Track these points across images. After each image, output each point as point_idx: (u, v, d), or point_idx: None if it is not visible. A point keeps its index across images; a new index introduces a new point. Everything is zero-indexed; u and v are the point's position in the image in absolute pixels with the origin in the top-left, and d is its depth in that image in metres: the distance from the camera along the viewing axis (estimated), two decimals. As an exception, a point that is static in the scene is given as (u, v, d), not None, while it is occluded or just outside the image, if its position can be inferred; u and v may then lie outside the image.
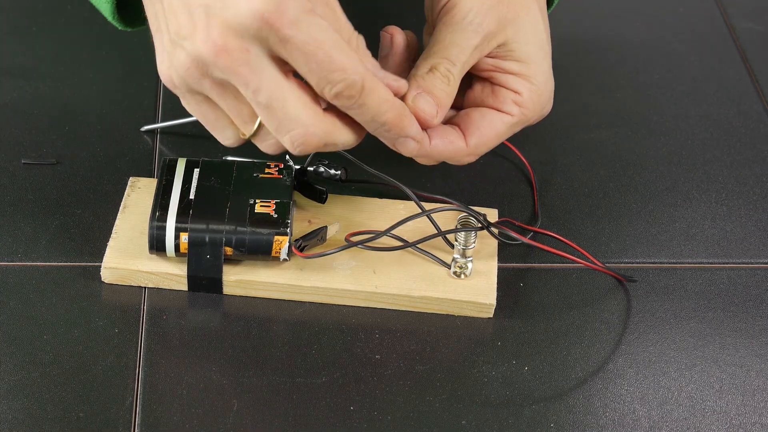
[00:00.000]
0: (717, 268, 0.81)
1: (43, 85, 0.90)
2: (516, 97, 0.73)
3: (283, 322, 0.75)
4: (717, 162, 0.89)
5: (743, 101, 0.95)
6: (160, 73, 0.67)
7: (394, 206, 0.81)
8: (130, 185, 0.80)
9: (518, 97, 0.73)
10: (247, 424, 0.69)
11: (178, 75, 0.66)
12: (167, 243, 0.74)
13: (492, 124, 0.73)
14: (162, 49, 0.66)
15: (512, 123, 0.74)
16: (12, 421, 0.68)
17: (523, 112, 0.73)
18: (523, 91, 0.73)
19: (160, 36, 0.66)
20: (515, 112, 0.73)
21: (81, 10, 0.97)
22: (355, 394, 0.71)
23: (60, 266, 0.77)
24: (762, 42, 1.01)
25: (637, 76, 0.96)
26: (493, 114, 0.74)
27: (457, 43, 0.73)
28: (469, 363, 0.74)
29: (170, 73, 0.66)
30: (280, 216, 0.74)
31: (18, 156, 0.84)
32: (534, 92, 0.73)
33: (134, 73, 0.92)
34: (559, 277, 0.79)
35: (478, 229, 0.76)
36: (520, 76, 0.73)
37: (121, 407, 0.69)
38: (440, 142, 0.72)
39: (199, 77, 0.65)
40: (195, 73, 0.64)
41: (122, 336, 0.73)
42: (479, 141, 0.73)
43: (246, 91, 0.64)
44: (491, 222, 0.77)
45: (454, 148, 0.72)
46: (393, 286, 0.76)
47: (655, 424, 0.71)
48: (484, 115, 0.73)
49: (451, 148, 0.72)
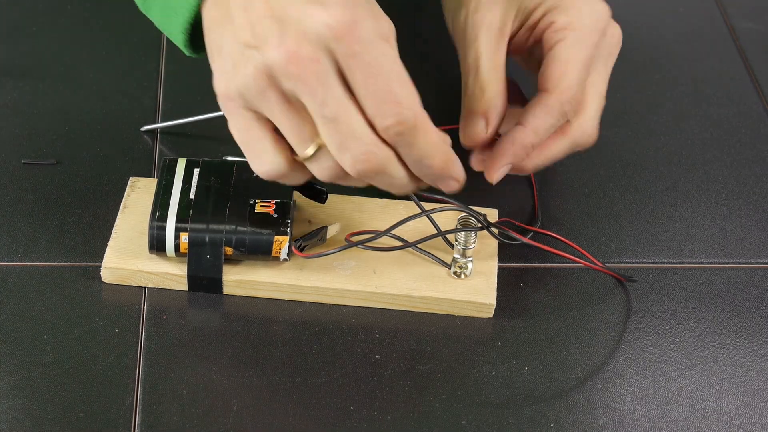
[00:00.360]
0: (717, 268, 0.81)
1: (43, 85, 0.90)
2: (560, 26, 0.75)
3: (283, 322, 0.75)
4: (717, 162, 0.89)
5: (743, 101, 0.95)
6: (218, 88, 0.66)
7: (394, 206, 0.81)
8: (130, 185, 0.80)
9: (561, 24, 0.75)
10: (247, 424, 0.69)
11: (240, 86, 0.64)
12: (167, 243, 0.74)
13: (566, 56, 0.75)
14: (224, 63, 0.65)
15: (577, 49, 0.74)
16: (12, 421, 0.68)
17: (578, 35, 0.74)
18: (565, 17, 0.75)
19: (222, 50, 0.66)
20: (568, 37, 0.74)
21: (81, 10, 0.97)
22: (355, 394, 0.71)
23: (60, 266, 0.77)
24: (762, 42, 1.01)
25: (637, 76, 0.96)
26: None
27: (474, 38, 0.75)
28: (469, 363, 0.74)
29: (230, 86, 0.65)
30: (280, 216, 0.74)
31: (18, 156, 0.84)
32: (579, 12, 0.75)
33: (134, 73, 0.92)
34: (559, 277, 0.79)
35: (478, 229, 0.76)
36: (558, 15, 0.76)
37: (121, 407, 0.69)
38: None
39: (265, 88, 0.64)
40: (261, 83, 0.63)
41: (122, 336, 0.73)
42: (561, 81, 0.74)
43: (313, 103, 0.63)
44: (491, 222, 0.77)
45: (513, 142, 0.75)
46: (393, 286, 0.76)
47: (655, 424, 0.71)
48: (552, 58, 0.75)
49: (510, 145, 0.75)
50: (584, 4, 0.75)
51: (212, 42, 0.66)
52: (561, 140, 0.76)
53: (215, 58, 0.66)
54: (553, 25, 0.75)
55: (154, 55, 0.94)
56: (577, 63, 0.74)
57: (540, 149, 0.76)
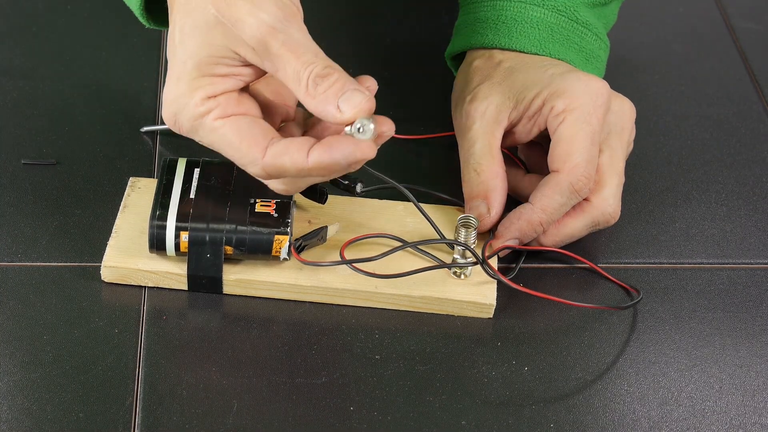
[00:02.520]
0: (717, 269, 0.81)
1: (43, 85, 0.90)
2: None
3: (283, 322, 0.75)
4: (717, 162, 0.89)
5: (743, 101, 0.95)
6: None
7: (393, 207, 0.81)
8: (130, 185, 0.80)
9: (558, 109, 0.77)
10: (247, 424, 0.69)
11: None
12: (167, 242, 0.74)
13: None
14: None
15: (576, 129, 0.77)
16: (12, 421, 0.68)
17: (575, 113, 0.76)
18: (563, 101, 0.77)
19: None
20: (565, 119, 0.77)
21: (81, 10, 0.97)
22: (355, 394, 0.71)
23: (60, 266, 0.77)
24: (762, 42, 1.01)
25: (637, 76, 0.96)
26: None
27: (469, 126, 0.79)
28: (469, 363, 0.74)
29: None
30: (280, 215, 0.74)
31: (18, 156, 0.84)
32: (575, 92, 0.77)
33: (134, 73, 0.92)
34: (559, 277, 0.79)
35: (473, 264, 0.76)
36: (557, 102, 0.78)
37: (121, 407, 0.69)
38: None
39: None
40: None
41: (122, 336, 0.73)
42: (542, 188, 0.77)
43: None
44: (484, 257, 0.76)
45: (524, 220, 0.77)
46: (393, 286, 0.76)
47: (655, 424, 0.71)
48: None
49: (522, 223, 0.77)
50: (579, 84, 0.77)
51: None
52: (579, 218, 0.78)
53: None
54: (553, 110, 0.77)
55: (154, 55, 0.94)
56: (580, 140, 0.76)
57: (557, 226, 0.78)
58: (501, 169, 0.78)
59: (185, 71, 0.68)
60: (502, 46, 0.82)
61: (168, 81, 0.69)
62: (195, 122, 0.68)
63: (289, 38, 0.66)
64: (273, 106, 0.72)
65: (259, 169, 0.68)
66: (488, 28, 0.83)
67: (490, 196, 0.78)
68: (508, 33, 0.82)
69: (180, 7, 0.68)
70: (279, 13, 0.66)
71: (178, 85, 0.68)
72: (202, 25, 0.66)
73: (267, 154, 0.67)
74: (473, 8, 0.85)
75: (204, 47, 0.67)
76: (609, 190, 0.78)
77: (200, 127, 0.69)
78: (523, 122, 0.79)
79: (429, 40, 0.97)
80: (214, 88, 0.68)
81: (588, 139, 0.76)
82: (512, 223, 0.77)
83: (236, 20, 0.66)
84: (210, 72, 0.67)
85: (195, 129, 0.69)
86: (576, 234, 0.78)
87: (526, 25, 0.82)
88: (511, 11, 0.82)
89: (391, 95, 0.91)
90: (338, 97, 0.66)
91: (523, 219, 0.76)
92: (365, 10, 1.00)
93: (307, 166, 0.67)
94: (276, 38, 0.66)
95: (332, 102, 0.66)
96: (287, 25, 0.66)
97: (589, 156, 0.76)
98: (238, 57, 0.67)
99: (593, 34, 0.83)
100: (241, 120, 0.68)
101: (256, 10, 0.65)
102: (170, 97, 0.69)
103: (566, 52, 0.82)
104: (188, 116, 0.68)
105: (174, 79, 0.68)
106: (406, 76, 0.93)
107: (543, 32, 0.82)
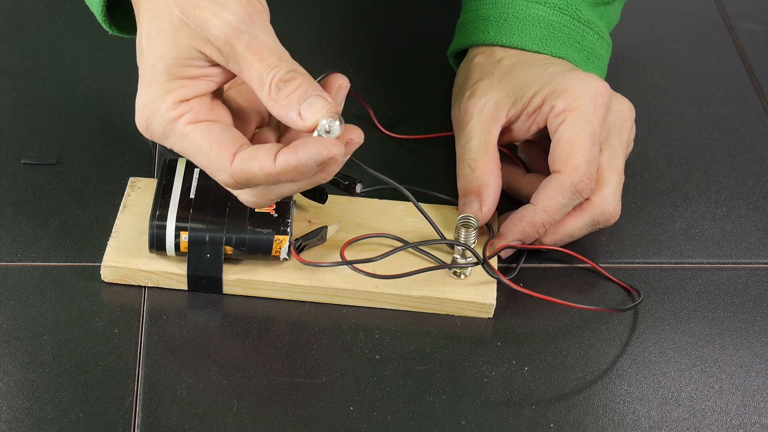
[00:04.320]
0: (717, 268, 0.81)
1: (43, 85, 0.90)
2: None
3: (283, 322, 0.75)
4: (717, 162, 0.89)
5: (743, 101, 0.95)
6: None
7: (393, 207, 0.81)
8: (130, 185, 0.80)
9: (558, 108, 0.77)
10: (247, 424, 0.69)
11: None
12: (167, 242, 0.74)
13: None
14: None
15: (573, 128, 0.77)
16: (12, 421, 0.68)
17: (574, 112, 0.76)
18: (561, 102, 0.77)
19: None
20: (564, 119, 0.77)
21: (81, 10, 0.97)
22: (355, 394, 0.71)
23: (60, 266, 0.77)
24: (762, 42, 1.01)
25: (637, 76, 0.96)
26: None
27: (466, 122, 0.79)
28: (469, 363, 0.74)
29: None
30: (280, 215, 0.74)
31: (18, 156, 0.84)
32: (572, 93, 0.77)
33: (134, 73, 0.92)
34: (560, 276, 0.79)
35: (473, 264, 0.76)
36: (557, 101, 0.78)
37: (121, 407, 0.69)
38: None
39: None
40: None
41: (122, 336, 0.73)
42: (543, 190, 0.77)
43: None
44: (485, 257, 0.76)
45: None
46: (393, 286, 0.76)
47: (655, 424, 0.71)
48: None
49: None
50: (579, 84, 0.77)
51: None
52: (579, 217, 0.78)
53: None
54: (553, 110, 0.77)
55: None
56: (582, 141, 0.76)
57: (557, 226, 0.78)
58: (496, 166, 0.78)
59: (155, 75, 0.67)
60: (503, 44, 0.82)
61: (140, 86, 0.69)
62: (166, 127, 0.68)
63: (253, 39, 0.66)
64: (246, 113, 0.72)
65: (227, 176, 0.67)
66: (490, 26, 0.83)
67: (483, 192, 0.77)
68: (510, 30, 0.82)
69: (145, 12, 0.67)
70: (243, 13, 0.65)
71: (149, 90, 0.68)
72: (168, 27, 0.66)
73: (235, 160, 0.66)
74: (475, 6, 0.85)
75: (172, 49, 0.67)
76: (609, 189, 0.78)
77: (171, 133, 0.68)
78: (521, 120, 0.79)
79: (429, 40, 0.97)
80: (185, 91, 0.67)
81: (589, 139, 0.76)
82: (515, 224, 0.77)
83: (201, 21, 0.65)
84: (180, 74, 0.67)
85: (166, 135, 0.68)
86: (576, 233, 0.78)
87: (528, 23, 0.82)
88: (513, 9, 0.82)
89: (391, 95, 0.91)
90: (300, 104, 0.66)
91: (526, 221, 0.76)
92: (365, 10, 1.00)
93: (275, 170, 0.65)
94: (240, 39, 0.65)
95: (294, 108, 0.66)
96: (252, 26, 0.66)
97: (590, 156, 0.76)
98: (205, 57, 0.67)
99: (595, 33, 0.83)
100: (212, 126, 0.68)
101: (220, 10, 0.65)
102: (142, 102, 0.68)
103: (567, 50, 0.82)
104: (160, 121, 0.68)
105: (145, 84, 0.68)
106: (406, 76, 0.93)
107: (544, 30, 0.82)
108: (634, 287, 0.78)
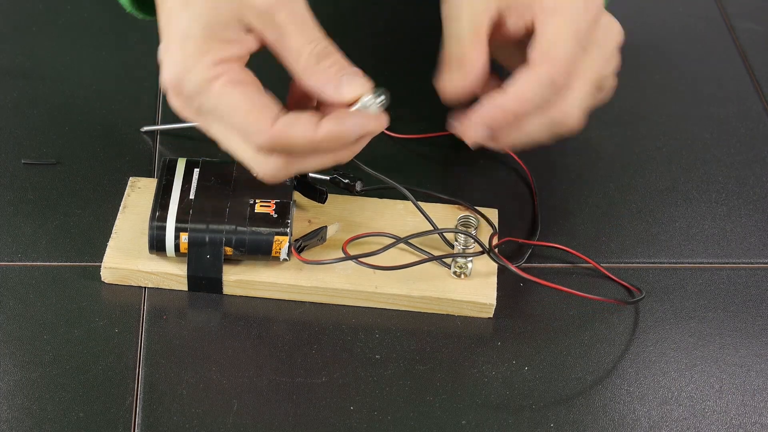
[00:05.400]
0: (717, 268, 0.81)
1: (43, 85, 0.90)
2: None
3: (283, 322, 0.75)
4: (717, 162, 0.89)
5: (743, 101, 0.95)
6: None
7: (394, 206, 0.81)
8: (130, 185, 0.80)
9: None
10: (247, 424, 0.69)
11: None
12: (167, 243, 0.74)
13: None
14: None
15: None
16: (12, 421, 0.68)
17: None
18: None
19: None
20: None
21: (81, 10, 0.97)
22: (355, 394, 0.71)
23: (60, 266, 0.77)
24: (762, 42, 1.01)
25: (637, 76, 0.96)
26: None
27: (457, 10, 0.74)
28: (469, 363, 0.74)
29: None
30: (280, 216, 0.74)
31: (18, 156, 0.84)
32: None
33: (134, 73, 0.92)
34: (559, 277, 0.79)
35: (478, 254, 0.76)
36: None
37: (121, 407, 0.69)
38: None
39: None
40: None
41: (122, 336, 0.73)
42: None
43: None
44: (491, 246, 0.76)
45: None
46: (393, 286, 0.76)
47: (655, 424, 0.71)
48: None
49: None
50: None
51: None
52: (539, 116, 0.72)
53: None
54: (542, 4, 0.72)
55: (154, 55, 0.93)
56: (566, 36, 0.71)
57: (517, 124, 0.72)
58: (484, 41, 0.73)
59: (191, 34, 0.66)
60: None
61: (169, 43, 0.67)
62: (202, 86, 0.66)
63: (293, 12, 0.66)
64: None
65: (266, 138, 0.66)
66: None
67: (467, 60, 0.72)
68: None
69: None
70: None
71: (184, 47, 0.66)
72: None
73: (277, 123, 0.66)
74: None
75: (212, 10, 0.66)
76: (575, 93, 0.73)
77: (206, 92, 0.66)
78: (511, 13, 0.74)
79: (429, 39, 0.97)
80: (224, 52, 0.66)
81: (574, 37, 0.72)
82: (485, 108, 0.72)
83: None
84: (218, 36, 0.66)
85: (199, 93, 0.67)
86: (536, 136, 0.73)
87: None
88: None
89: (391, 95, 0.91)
90: (338, 76, 0.66)
91: (496, 104, 0.71)
92: (365, 8, 1.00)
93: (317, 137, 0.66)
94: (282, 10, 0.66)
95: (332, 80, 0.67)
96: (293, 0, 0.66)
97: (572, 54, 0.71)
98: (242, 23, 0.66)
99: None
100: (250, 87, 0.67)
101: None
102: (175, 58, 0.67)
103: None
104: (196, 79, 0.66)
105: (178, 41, 0.67)
106: (406, 75, 0.93)
107: None
108: (635, 286, 0.78)
